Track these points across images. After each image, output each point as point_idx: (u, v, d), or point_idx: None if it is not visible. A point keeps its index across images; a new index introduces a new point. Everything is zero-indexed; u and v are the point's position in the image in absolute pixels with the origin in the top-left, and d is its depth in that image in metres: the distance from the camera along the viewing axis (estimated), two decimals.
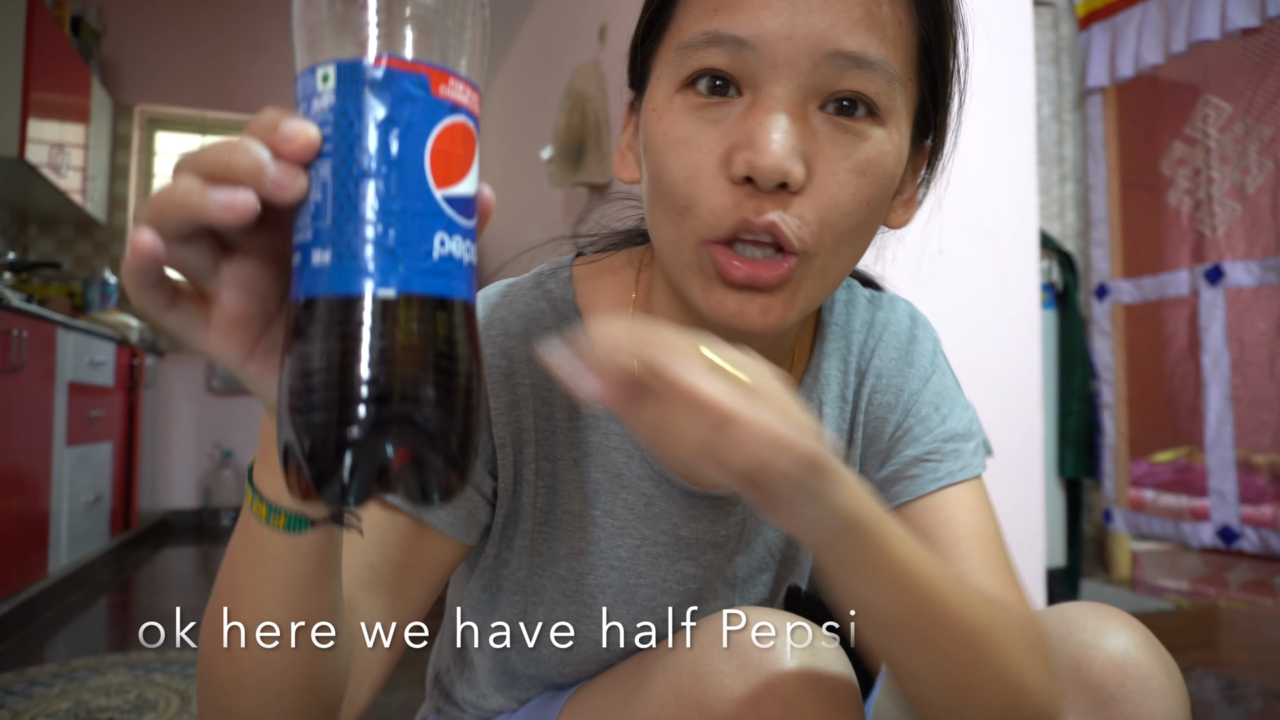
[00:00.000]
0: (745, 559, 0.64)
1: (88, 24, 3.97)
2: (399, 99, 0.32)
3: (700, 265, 0.52)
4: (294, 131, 0.31)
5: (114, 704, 1.82)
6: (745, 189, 0.49)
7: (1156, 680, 0.55)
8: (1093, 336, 3.11)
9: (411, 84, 0.32)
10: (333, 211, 0.32)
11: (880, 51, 0.49)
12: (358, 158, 0.32)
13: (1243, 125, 2.72)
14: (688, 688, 0.49)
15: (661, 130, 0.51)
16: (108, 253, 4.44)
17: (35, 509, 2.69)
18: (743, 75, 0.49)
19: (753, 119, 0.49)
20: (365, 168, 0.32)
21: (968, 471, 0.62)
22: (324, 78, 0.33)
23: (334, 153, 0.32)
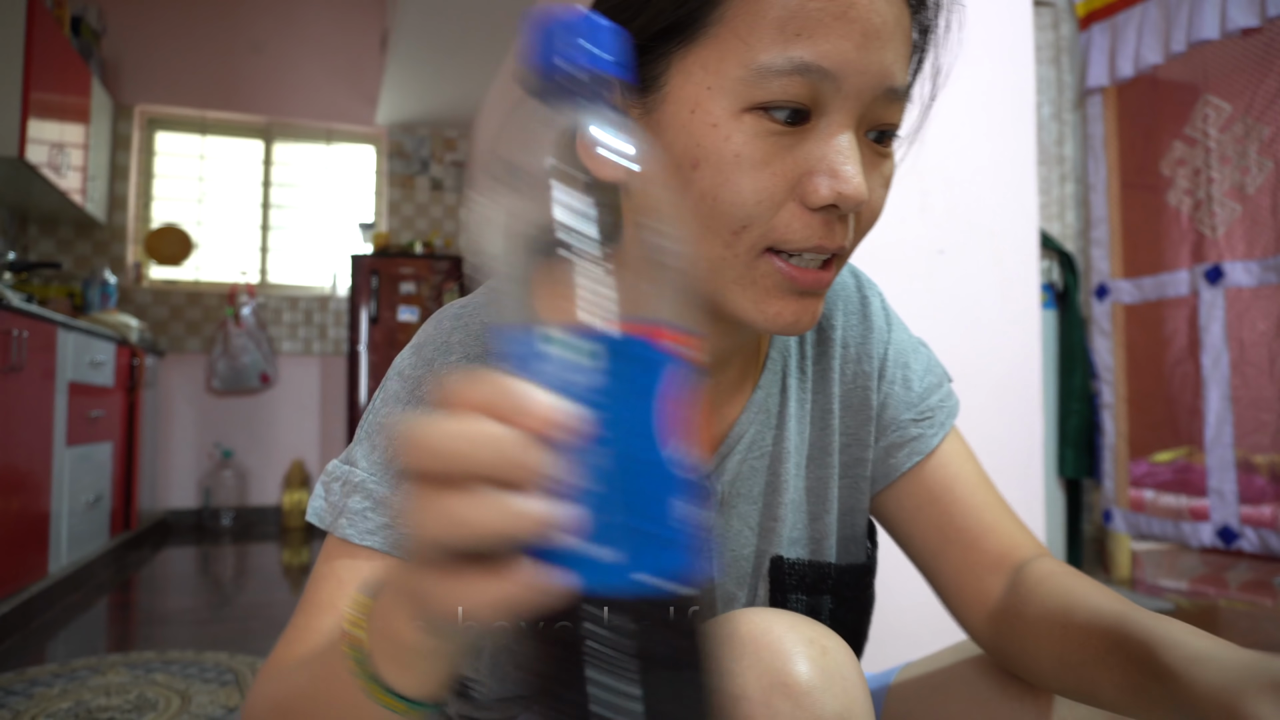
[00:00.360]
0: (723, 535, 0.65)
1: (88, 24, 3.97)
2: (642, 367, 0.30)
3: (754, 278, 0.52)
4: (556, 413, 0.29)
5: (114, 704, 1.82)
6: (821, 215, 0.51)
7: None
8: (1093, 336, 3.11)
9: (672, 356, 0.31)
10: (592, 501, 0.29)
11: (905, 83, 0.53)
12: (617, 438, 0.29)
13: (1243, 125, 2.72)
14: None
15: (731, 150, 0.50)
16: (107, 253, 4.44)
17: (35, 509, 2.69)
18: (816, 103, 0.50)
19: (831, 149, 0.50)
20: (625, 449, 0.29)
21: (954, 413, 0.69)
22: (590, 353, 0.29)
23: (596, 434, 0.29)
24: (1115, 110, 3.10)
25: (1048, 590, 0.57)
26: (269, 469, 4.68)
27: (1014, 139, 1.58)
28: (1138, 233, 3.05)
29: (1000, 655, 0.62)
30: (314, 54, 4.86)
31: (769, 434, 0.66)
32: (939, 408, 0.69)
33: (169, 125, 4.74)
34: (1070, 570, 0.60)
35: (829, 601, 0.66)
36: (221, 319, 4.56)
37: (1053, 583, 0.58)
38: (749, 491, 0.65)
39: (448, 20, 3.54)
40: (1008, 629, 0.60)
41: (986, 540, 0.64)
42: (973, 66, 1.54)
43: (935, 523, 0.66)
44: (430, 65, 4.09)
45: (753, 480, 0.65)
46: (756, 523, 0.66)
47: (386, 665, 0.38)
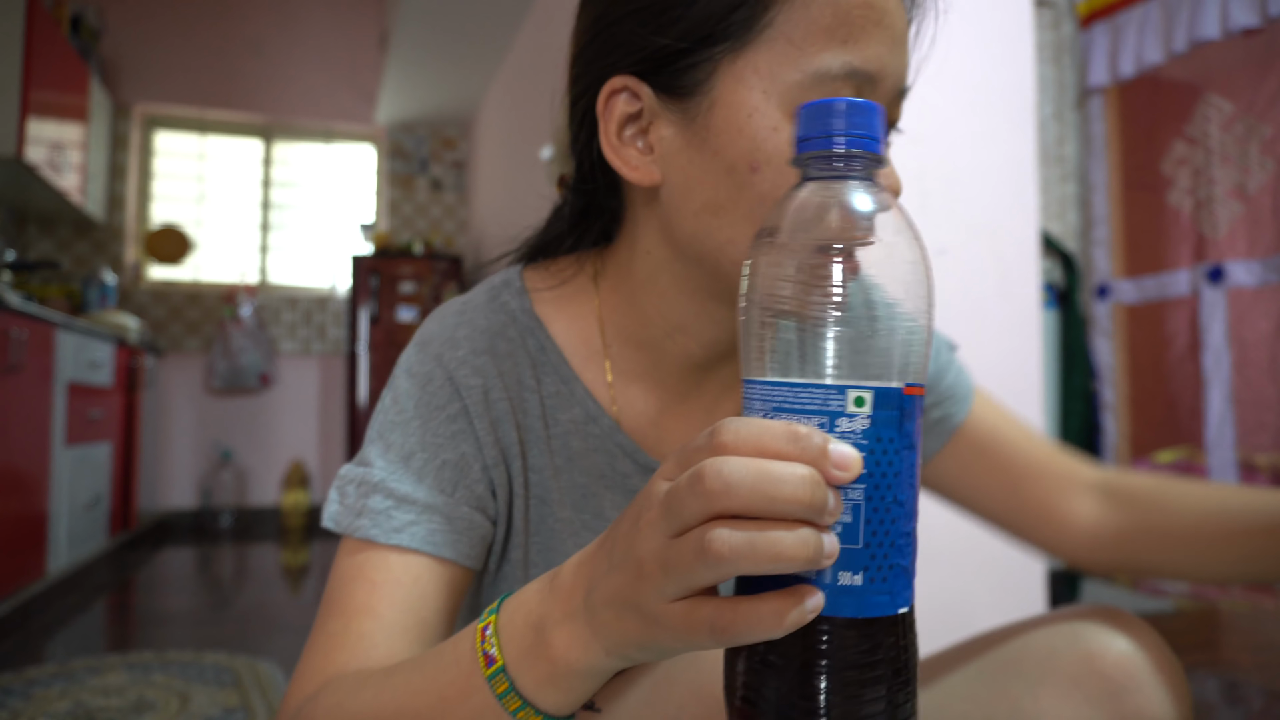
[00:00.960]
0: None
1: (87, 23, 3.97)
2: (915, 423, 0.34)
3: None
4: (847, 459, 0.32)
5: (113, 704, 1.81)
6: None
7: (1162, 674, 0.60)
8: (1093, 336, 3.10)
9: (915, 406, 0.35)
10: (864, 535, 0.33)
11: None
12: (890, 482, 0.33)
13: (1244, 125, 2.72)
14: (710, 687, 0.49)
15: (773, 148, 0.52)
16: (106, 252, 4.43)
17: (34, 509, 2.69)
18: None
19: None
20: (895, 492, 0.34)
21: (970, 385, 0.75)
22: (859, 401, 0.33)
23: (868, 477, 0.33)
24: (1116, 110, 3.10)
25: (1174, 501, 0.66)
26: (268, 469, 4.68)
27: (1014, 139, 1.58)
28: (1138, 233, 3.05)
29: (1118, 565, 0.69)
30: (313, 54, 4.86)
31: None
32: (955, 386, 0.73)
33: (168, 125, 4.73)
34: (1159, 479, 0.69)
35: None
36: (221, 319, 4.56)
37: (1170, 491, 0.67)
38: None
39: (448, 20, 3.54)
40: (1131, 542, 0.68)
41: (1053, 467, 0.72)
42: (973, 66, 1.54)
43: (993, 470, 0.72)
44: (430, 65, 4.08)
45: None
46: None
47: (543, 684, 0.41)
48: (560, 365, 0.63)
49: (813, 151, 0.36)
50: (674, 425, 0.65)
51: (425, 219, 5.10)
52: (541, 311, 0.65)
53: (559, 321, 0.64)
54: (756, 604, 0.33)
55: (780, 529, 0.31)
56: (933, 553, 1.34)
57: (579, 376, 0.63)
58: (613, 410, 0.64)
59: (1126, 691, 0.60)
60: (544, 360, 0.63)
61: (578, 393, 0.63)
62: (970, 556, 1.42)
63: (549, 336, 0.64)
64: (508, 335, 0.63)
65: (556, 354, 0.63)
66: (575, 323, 0.64)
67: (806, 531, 0.31)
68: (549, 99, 2.99)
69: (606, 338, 0.64)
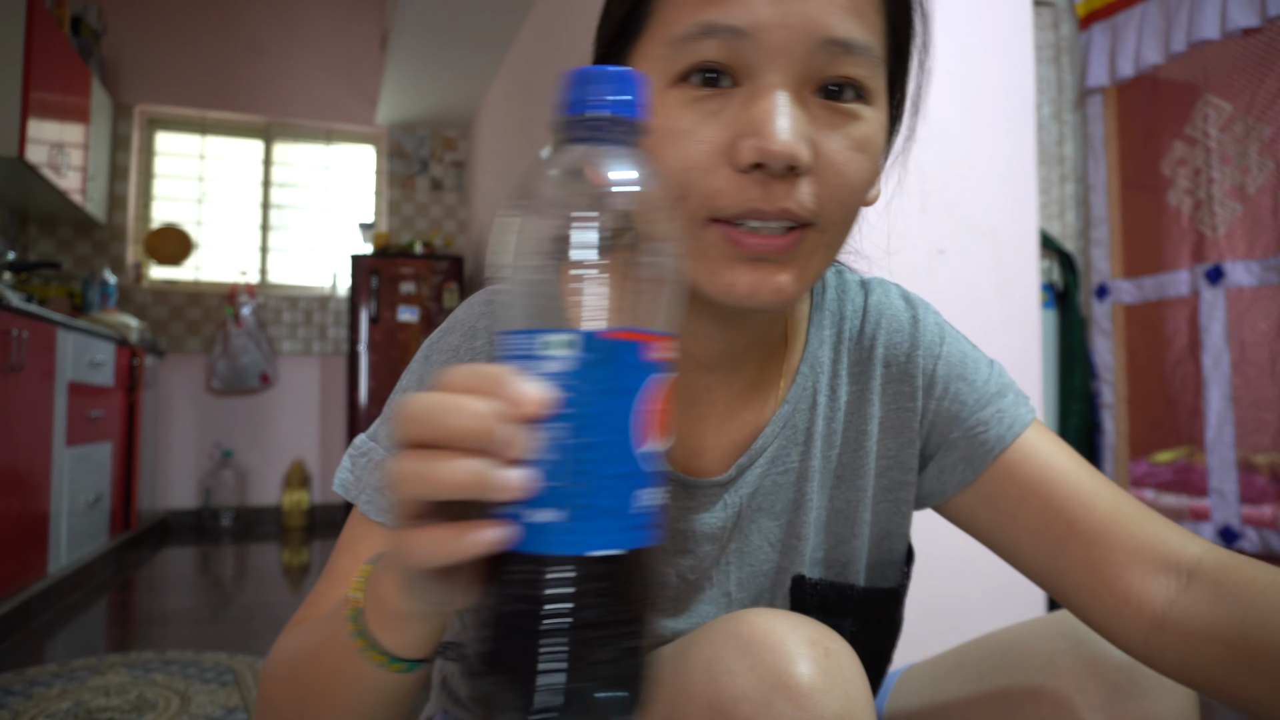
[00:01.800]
0: (739, 547, 0.64)
1: (88, 24, 3.97)
2: (621, 368, 0.34)
3: (704, 249, 0.52)
4: (526, 394, 0.33)
5: (114, 704, 1.82)
6: (753, 176, 0.49)
7: (1168, 679, 0.57)
8: (1093, 336, 3.11)
9: (632, 352, 0.35)
10: (554, 474, 0.34)
11: (864, 37, 0.51)
12: (582, 423, 0.34)
13: (1243, 125, 2.72)
14: (699, 687, 0.49)
15: (658, 125, 0.51)
16: (107, 253, 4.44)
17: (35, 509, 2.69)
18: (738, 65, 0.50)
19: (755, 107, 0.49)
20: (589, 433, 0.34)
21: (1022, 421, 0.63)
22: (550, 344, 0.34)
23: (558, 417, 0.34)
24: (1115, 110, 3.10)
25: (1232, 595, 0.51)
26: (269, 469, 4.68)
27: (1014, 139, 1.58)
28: (1138, 233, 3.05)
29: (1193, 675, 0.53)
30: (314, 54, 4.86)
31: (795, 451, 0.64)
32: (995, 419, 0.63)
33: (169, 125, 4.74)
34: (1252, 564, 0.53)
35: (851, 624, 0.65)
36: (221, 319, 4.56)
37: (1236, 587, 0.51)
38: (771, 507, 0.64)
39: (448, 20, 3.54)
40: (1218, 647, 0.51)
41: (1122, 528, 0.56)
42: (973, 66, 1.54)
43: (1036, 517, 0.59)
44: (430, 65, 4.09)
45: (776, 496, 0.64)
46: (779, 539, 0.65)
47: (378, 627, 0.43)
48: None
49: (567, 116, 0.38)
50: (685, 431, 0.63)
51: (425, 219, 5.10)
52: None
53: None
54: (429, 531, 0.33)
55: (449, 458, 0.32)
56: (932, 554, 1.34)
57: None
58: None
59: (1130, 697, 0.57)
60: None
61: None
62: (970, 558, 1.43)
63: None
64: None
65: None
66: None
67: (470, 461, 0.32)
68: (549, 99, 2.99)
69: None
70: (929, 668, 0.70)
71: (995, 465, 0.62)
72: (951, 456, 0.64)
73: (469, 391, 0.33)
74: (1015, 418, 0.63)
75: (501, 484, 0.32)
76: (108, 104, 4.27)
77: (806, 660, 0.48)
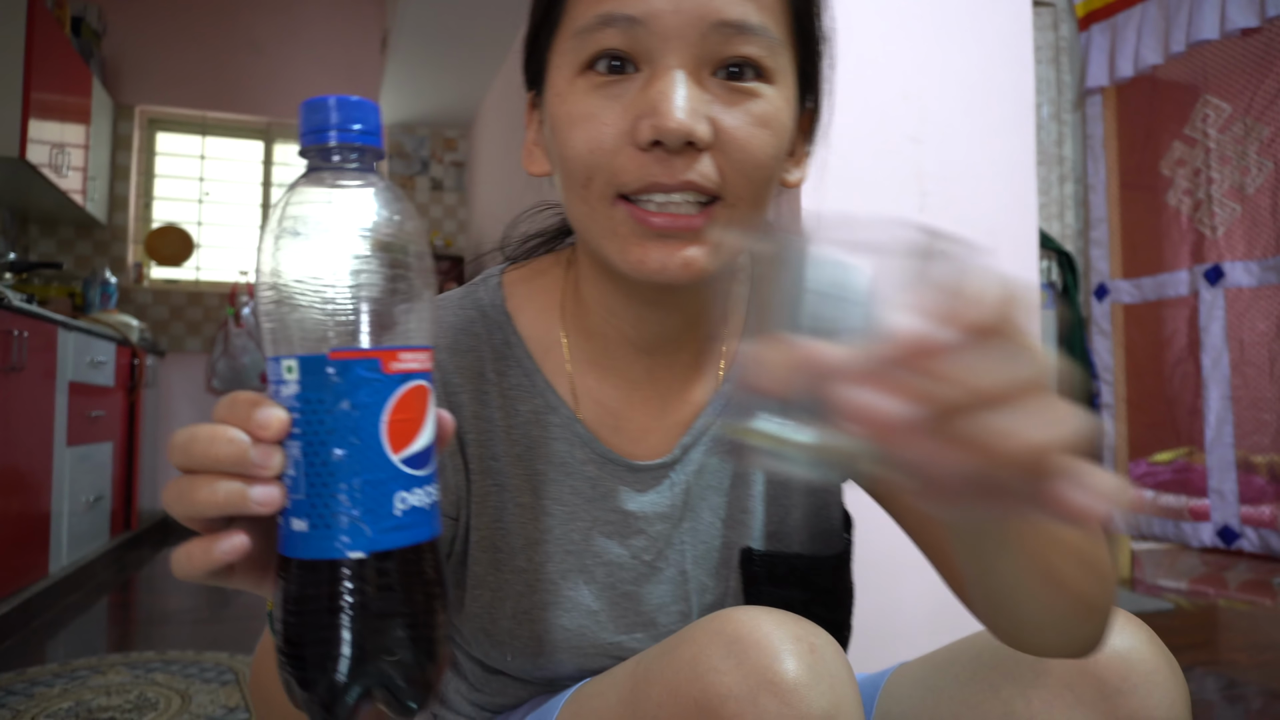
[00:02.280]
0: (692, 525, 0.66)
1: (88, 24, 3.97)
2: (354, 384, 0.37)
3: (614, 228, 0.55)
4: (266, 419, 0.36)
5: (114, 704, 1.82)
6: (653, 154, 0.52)
7: (1160, 675, 0.57)
8: (1092, 336, 3.11)
9: (364, 369, 0.37)
10: (304, 486, 0.37)
11: (759, 18, 0.53)
12: (323, 439, 0.37)
13: (1242, 125, 2.73)
14: (686, 685, 0.49)
15: (565, 111, 0.55)
16: (108, 253, 4.44)
17: (36, 509, 2.69)
18: (637, 52, 0.53)
19: (653, 89, 0.52)
20: (330, 447, 0.37)
21: None
22: (288, 369, 0.37)
23: (302, 435, 0.37)
24: (1115, 110, 3.10)
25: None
26: None
27: (1014, 139, 1.58)
28: (1137, 233, 3.05)
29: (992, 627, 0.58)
30: (314, 54, 4.86)
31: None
32: None
33: (169, 125, 4.74)
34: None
35: (801, 593, 0.67)
36: (222, 319, 4.56)
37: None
38: (718, 484, 0.67)
39: (448, 20, 3.55)
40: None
41: None
42: (973, 66, 1.55)
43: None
44: (430, 65, 4.09)
45: (720, 473, 0.67)
46: (725, 515, 0.67)
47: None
48: (524, 358, 0.66)
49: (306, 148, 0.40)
50: (629, 414, 0.66)
51: (425, 219, 5.11)
52: (512, 305, 0.68)
53: (526, 313, 0.67)
54: (186, 545, 0.37)
55: (209, 481, 0.36)
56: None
57: (540, 368, 0.66)
58: (571, 400, 0.66)
59: (1121, 693, 0.57)
60: (508, 353, 0.66)
61: (539, 384, 0.66)
62: None
63: (515, 330, 0.67)
64: (473, 330, 0.66)
65: (521, 347, 0.66)
66: (541, 314, 0.68)
67: (226, 483, 0.36)
68: None
69: (565, 328, 0.67)
70: (921, 665, 0.70)
71: None
72: None
73: (226, 420, 0.37)
74: None
75: (251, 502, 0.36)
76: (108, 104, 4.27)
77: (792, 656, 0.48)
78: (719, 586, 0.67)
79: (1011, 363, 0.28)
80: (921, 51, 1.50)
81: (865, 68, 1.44)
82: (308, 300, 0.37)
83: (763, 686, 0.47)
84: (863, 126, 1.42)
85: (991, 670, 0.63)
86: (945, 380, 0.28)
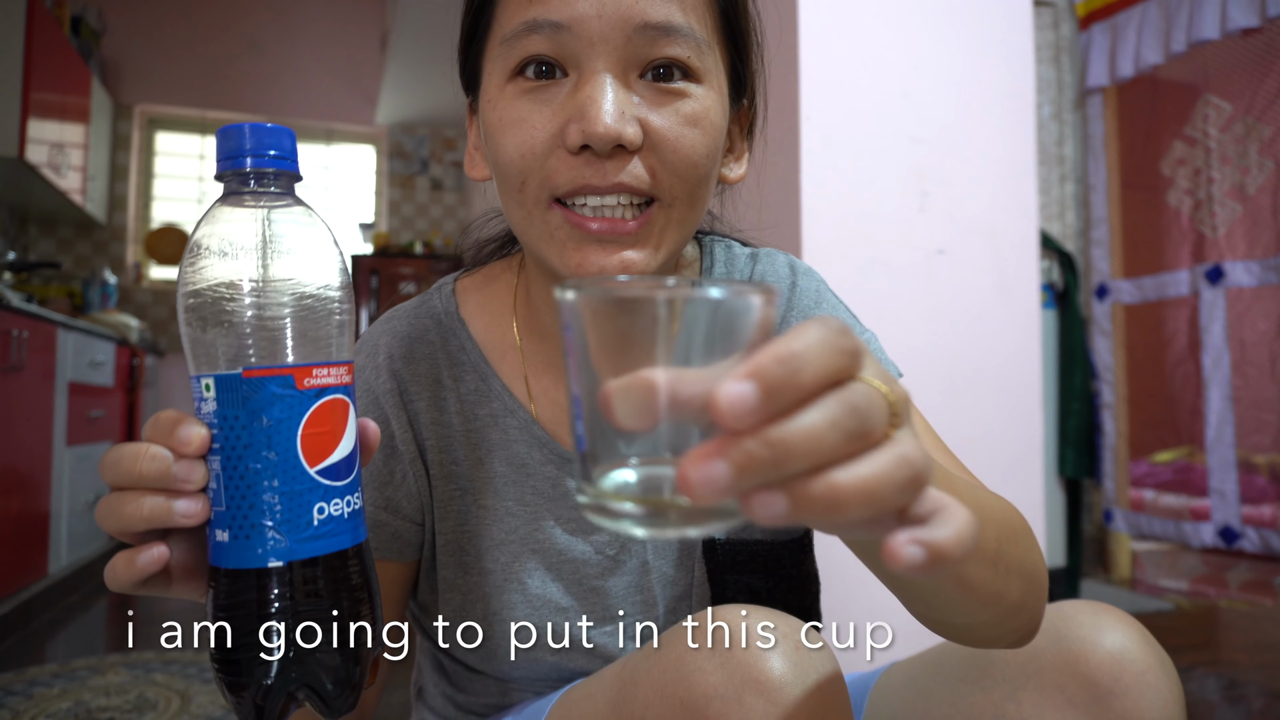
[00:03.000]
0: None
1: (88, 24, 3.97)
2: (267, 400, 0.39)
3: (551, 232, 0.55)
4: (188, 436, 0.38)
5: (114, 704, 1.82)
6: (583, 157, 0.53)
7: (1153, 675, 0.56)
8: (1093, 336, 3.11)
9: (277, 385, 0.39)
10: (225, 498, 0.39)
11: (683, 19, 0.54)
12: (240, 454, 0.38)
13: (1243, 125, 2.72)
14: (672, 686, 0.49)
15: (496, 116, 0.55)
16: (107, 253, 4.44)
17: (35, 509, 2.69)
18: (564, 56, 0.54)
19: (580, 93, 0.53)
20: (247, 462, 0.38)
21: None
22: (206, 387, 0.39)
23: (221, 450, 0.39)
24: (1115, 110, 3.10)
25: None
26: None
27: (1014, 139, 1.58)
28: (1138, 233, 3.05)
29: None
30: (314, 54, 4.86)
31: None
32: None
33: (169, 125, 4.74)
34: None
35: (765, 580, 0.67)
36: None
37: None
38: None
39: (448, 20, 3.54)
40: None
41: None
42: (972, 66, 1.54)
43: None
44: (430, 65, 4.09)
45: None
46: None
47: None
48: (479, 363, 0.67)
49: (222, 173, 0.41)
50: None
51: (425, 219, 5.10)
52: (466, 312, 0.69)
53: (480, 320, 0.69)
54: (116, 557, 0.40)
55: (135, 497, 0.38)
56: None
57: (496, 373, 0.67)
58: (528, 403, 0.67)
59: (1113, 695, 0.56)
60: (463, 359, 0.67)
61: (495, 388, 0.67)
62: None
63: (469, 336, 0.68)
64: (428, 339, 0.67)
65: (476, 352, 0.67)
66: (495, 319, 0.69)
67: (150, 498, 0.38)
68: None
69: (519, 332, 0.68)
70: (911, 666, 0.70)
71: None
72: None
73: (152, 439, 0.39)
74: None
75: (175, 515, 0.38)
76: (108, 104, 4.27)
77: (778, 655, 0.48)
78: (684, 578, 0.68)
79: (842, 415, 0.27)
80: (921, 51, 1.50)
81: (865, 68, 1.44)
82: (222, 319, 0.39)
83: (748, 685, 0.47)
84: (863, 126, 1.42)
85: (982, 671, 0.63)
86: (773, 445, 0.26)
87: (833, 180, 1.38)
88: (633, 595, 0.67)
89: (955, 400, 1.51)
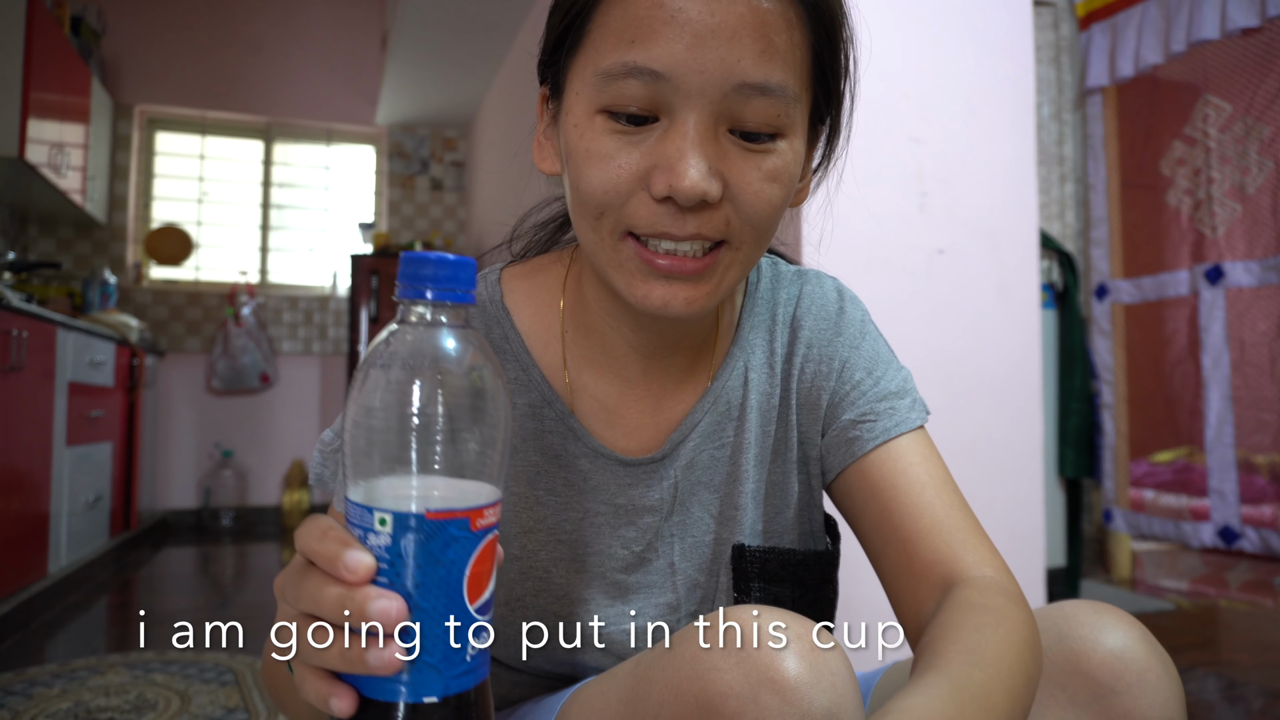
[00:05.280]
0: (681, 519, 0.69)
1: (88, 24, 3.97)
2: (446, 543, 0.39)
3: (621, 261, 0.57)
4: (355, 565, 0.38)
5: (114, 704, 1.82)
6: (665, 206, 0.54)
7: (1153, 674, 0.56)
8: (1093, 336, 3.11)
9: (456, 529, 0.39)
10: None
11: (780, 78, 0.54)
12: (409, 591, 0.38)
13: (1243, 125, 2.72)
14: (687, 684, 0.49)
15: (584, 146, 0.56)
16: (107, 253, 4.44)
17: (35, 509, 2.69)
18: (658, 102, 0.54)
19: (670, 144, 0.54)
20: (416, 599, 0.39)
21: (905, 425, 0.67)
22: (381, 521, 0.39)
23: (388, 585, 0.39)
24: (1115, 110, 3.10)
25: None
26: (269, 469, 4.68)
27: (1014, 139, 1.58)
28: (1138, 233, 3.05)
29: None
30: (314, 54, 4.86)
31: (729, 426, 0.69)
32: (885, 413, 0.67)
33: (169, 125, 4.73)
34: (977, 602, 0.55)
35: (791, 590, 0.68)
36: (221, 319, 4.56)
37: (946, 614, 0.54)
38: (710, 480, 0.69)
39: (448, 20, 3.54)
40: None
41: (921, 544, 0.61)
42: (972, 67, 1.54)
43: (876, 519, 0.65)
44: (430, 65, 4.08)
45: (714, 470, 0.69)
46: (717, 511, 0.69)
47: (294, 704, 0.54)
48: (521, 353, 0.68)
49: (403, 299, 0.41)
50: (623, 411, 0.69)
51: (425, 219, 5.10)
52: (511, 301, 0.70)
53: (525, 310, 0.69)
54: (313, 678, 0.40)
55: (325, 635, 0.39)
56: None
57: (537, 363, 0.68)
58: (566, 396, 0.68)
59: (1114, 693, 0.56)
60: (505, 348, 0.68)
61: (535, 378, 0.68)
62: None
63: (513, 325, 0.69)
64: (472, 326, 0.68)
65: (518, 342, 0.68)
66: (540, 311, 0.70)
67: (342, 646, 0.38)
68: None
69: (564, 325, 0.69)
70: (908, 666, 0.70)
71: (865, 459, 0.66)
72: (840, 437, 0.69)
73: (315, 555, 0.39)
74: (900, 420, 0.67)
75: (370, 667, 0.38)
76: (108, 104, 4.27)
77: (793, 655, 0.48)
78: (709, 582, 0.69)
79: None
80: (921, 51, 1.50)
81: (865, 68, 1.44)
82: (402, 453, 0.39)
83: (763, 684, 0.47)
84: (863, 126, 1.42)
85: None
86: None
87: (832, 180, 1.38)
88: (655, 594, 0.68)
89: (955, 400, 1.51)
